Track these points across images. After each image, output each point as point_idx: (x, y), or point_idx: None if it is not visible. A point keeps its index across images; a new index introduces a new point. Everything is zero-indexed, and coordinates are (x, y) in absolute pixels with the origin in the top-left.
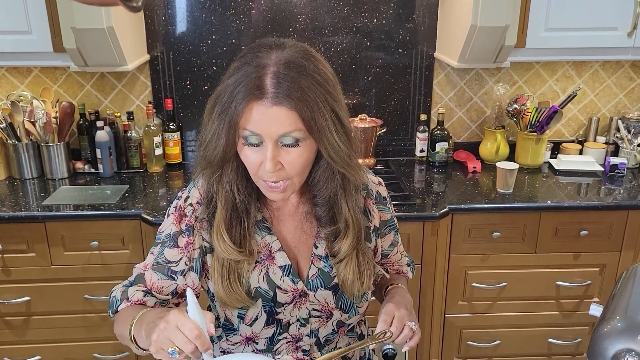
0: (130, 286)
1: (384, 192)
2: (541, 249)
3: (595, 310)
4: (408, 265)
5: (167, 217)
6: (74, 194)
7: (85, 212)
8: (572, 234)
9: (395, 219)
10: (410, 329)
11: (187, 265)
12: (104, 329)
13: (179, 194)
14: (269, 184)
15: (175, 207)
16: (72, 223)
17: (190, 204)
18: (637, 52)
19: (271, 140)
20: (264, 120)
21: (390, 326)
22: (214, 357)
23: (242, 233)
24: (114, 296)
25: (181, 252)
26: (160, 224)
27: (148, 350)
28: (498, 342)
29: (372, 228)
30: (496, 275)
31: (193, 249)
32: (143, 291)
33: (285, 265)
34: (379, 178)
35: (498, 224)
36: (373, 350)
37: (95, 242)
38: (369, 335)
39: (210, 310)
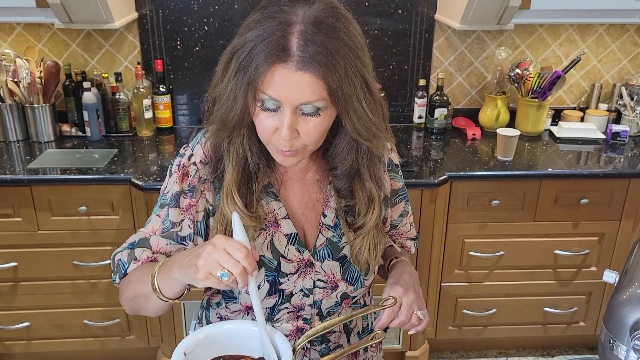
0: (133, 248)
1: (396, 159)
2: (540, 217)
3: (609, 276)
4: (413, 239)
5: (170, 175)
6: (61, 157)
7: (72, 176)
8: (572, 202)
9: (405, 188)
10: (417, 318)
11: (190, 228)
12: (93, 296)
13: (182, 150)
14: (281, 150)
15: (179, 165)
16: (59, 187)
17: (194, 163)
18: None
19: (290, 107)
20: (286, 86)
21: (397, 314)
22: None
23: (250, 197)
24: (119, 259)
25: (182, 214)
26: (150, 189)
27: (176, 299)
28: (493, 310)
29: (382, 197)
30: (494, 244)
31: (196, 212)
32: (152, 251)
33: (291, 234)
34: (391, 144)
35: (497, 192)
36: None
37: (84, 207)
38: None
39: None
